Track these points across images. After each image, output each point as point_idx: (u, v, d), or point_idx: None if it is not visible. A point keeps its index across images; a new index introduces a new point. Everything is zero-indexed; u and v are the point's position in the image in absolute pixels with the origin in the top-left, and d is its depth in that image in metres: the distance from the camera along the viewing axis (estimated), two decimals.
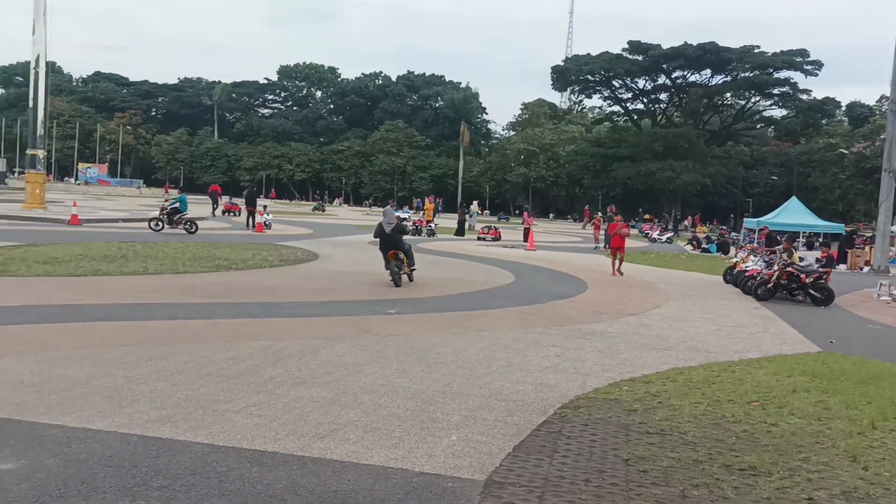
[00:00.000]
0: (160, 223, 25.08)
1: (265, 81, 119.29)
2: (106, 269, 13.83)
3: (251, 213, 29.70)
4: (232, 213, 40.25)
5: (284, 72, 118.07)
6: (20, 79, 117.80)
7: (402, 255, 14.45)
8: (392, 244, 14.38)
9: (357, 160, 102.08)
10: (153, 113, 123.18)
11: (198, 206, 42.45)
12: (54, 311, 9.50)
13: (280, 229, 29.98)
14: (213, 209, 40.31)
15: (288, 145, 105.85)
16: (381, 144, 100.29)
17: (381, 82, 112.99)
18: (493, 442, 5.34)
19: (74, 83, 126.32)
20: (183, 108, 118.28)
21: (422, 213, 37.08)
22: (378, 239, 14.69)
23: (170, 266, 14.95)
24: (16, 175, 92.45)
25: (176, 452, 4.71)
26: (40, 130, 31.91)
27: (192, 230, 24.83)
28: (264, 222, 28.95)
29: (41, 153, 32.06)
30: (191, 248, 18.64)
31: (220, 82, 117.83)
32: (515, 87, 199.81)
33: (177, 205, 25.87)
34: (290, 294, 12.37)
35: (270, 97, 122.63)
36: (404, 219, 24.13)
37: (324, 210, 58.40)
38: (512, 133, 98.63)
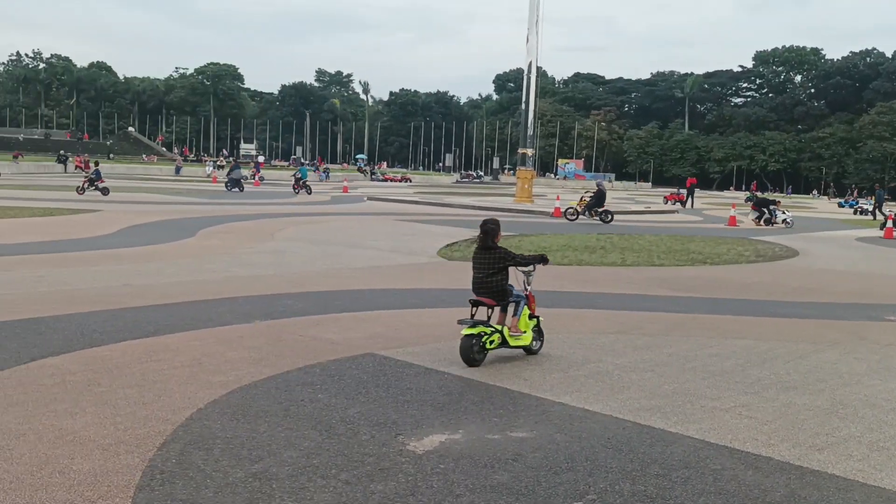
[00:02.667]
0: (296, 188, 37.45)
1: (739, 69, 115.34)
2: (588, 259, 14.77)
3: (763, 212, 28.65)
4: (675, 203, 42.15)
5: (761, 57, 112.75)
6: (511, 84, 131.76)
7: None
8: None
9: (840, 147, 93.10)
10: (626, 109, 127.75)
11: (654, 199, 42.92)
12: (549, 296, 10.44)
13: (751, 223, 28.72)
14: (690, 202, 41.37)
15: (761, 134, 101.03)
16: (871, 129, 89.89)
17: (872, 60, 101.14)
18: None
19: (556, 85, 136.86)
20: (655, 102, 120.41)
21: None
22: None
23: (646, 258, 15.38)
24: (506, 171, 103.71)
25: (669, 443, 4.84)
26: (530, 131, 35.29)
27: (309, 192, 36.88)
28: (782, 220, 28.20)
29: (530, 152, 35.43)
30: (665, 242, 18.91)
31: (692, 74, 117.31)
32: None
33: (299, 174, 38.71)
34: (770, 292, 11.80)
35: (744, 85, 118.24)
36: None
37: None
38: None
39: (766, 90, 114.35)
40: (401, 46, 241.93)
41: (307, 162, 60.60)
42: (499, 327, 6.70)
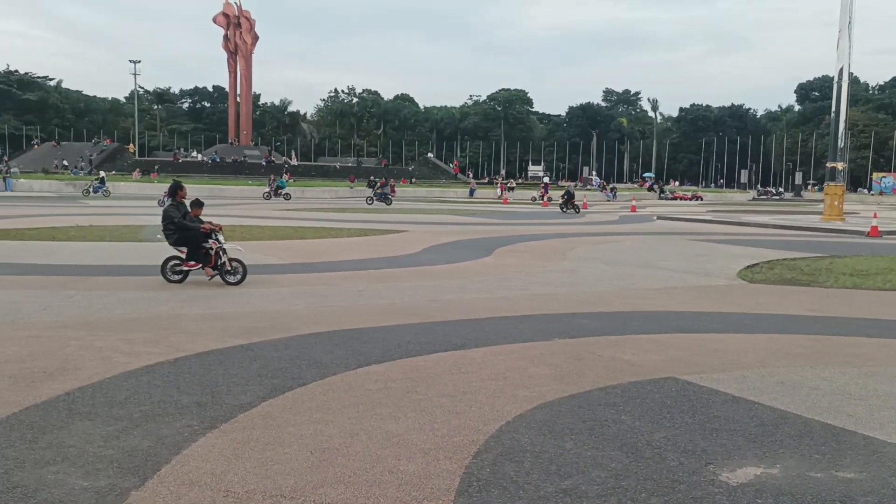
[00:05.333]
0: (270, 195, 45.36)
1: None
2: None
3: None
4: None
5: None
6: (816, 93, 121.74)
7: None
8: None
9: None
10: None
11: None
12: (870, 325, 9.45)
13: None
14: None
15: None
16: None
17: None
18: None
19: (870, 91, 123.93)
20: None
21: None
22: None
23: None
24: (810, 188, 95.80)
25: None
26: (840, 143, 32.28)
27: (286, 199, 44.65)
28: None
29: (840, 165, 32.39)
30: None
31: None
32: None
33: (281, 185, 46.89)
34: None
35: None
36: None
37: None
38: None
39: None
40: (692, 60, 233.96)
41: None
42: None
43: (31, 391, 5.79)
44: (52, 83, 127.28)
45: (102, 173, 49.71)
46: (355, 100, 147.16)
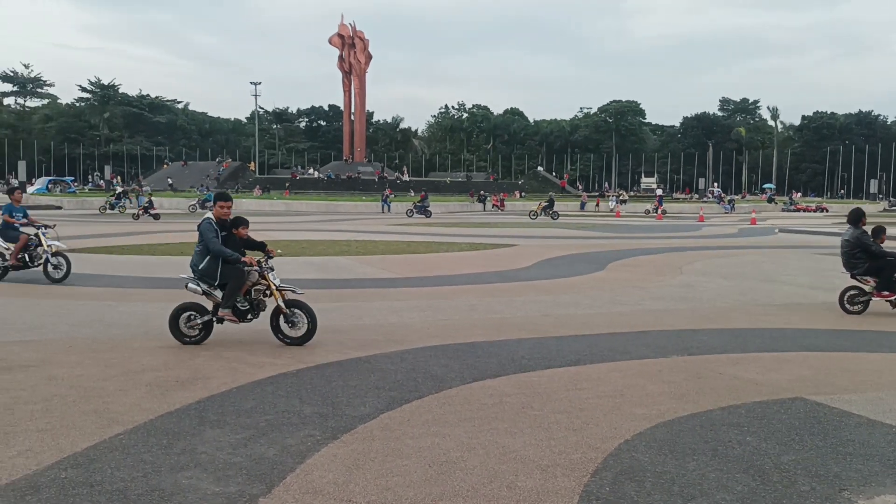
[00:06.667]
0: (196, 208, 42.93)
1: None
2: None
3: None
4: None
5: None
6: None
7: None
8: None
9: None
10: None
11: None
12: None
13: None
14: None
15: None
16: None
17: None
18: None
19: None
20: None
21: None
22: None
23: None
24: None
25: None
26: None
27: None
28: None
29: None
30: None
31: None
32: None
33: (208, 198, 41.72)
34: None
35: None
36: None
37: None
38: None
39: None
40: (813, 66, 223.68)
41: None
42: None
43: (165, 399, 6.12)
44: (180, 106, 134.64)
45: (119, 188, 49.21)
46: (465, 115, 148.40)
